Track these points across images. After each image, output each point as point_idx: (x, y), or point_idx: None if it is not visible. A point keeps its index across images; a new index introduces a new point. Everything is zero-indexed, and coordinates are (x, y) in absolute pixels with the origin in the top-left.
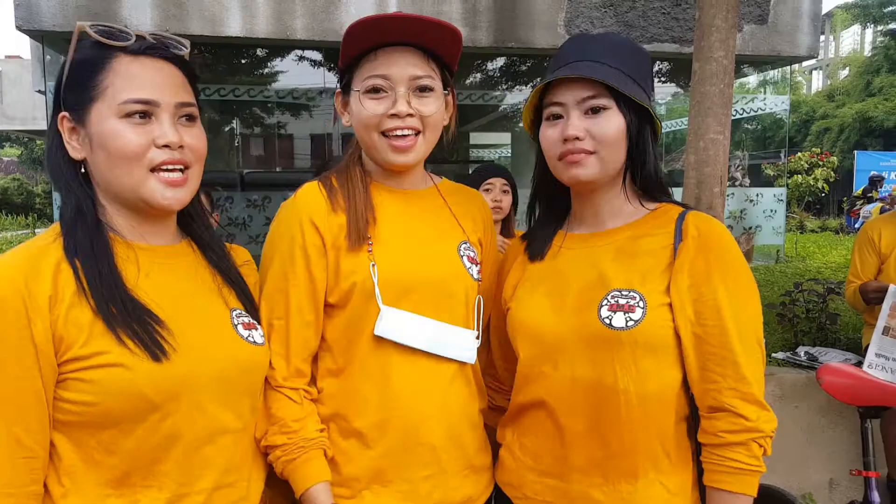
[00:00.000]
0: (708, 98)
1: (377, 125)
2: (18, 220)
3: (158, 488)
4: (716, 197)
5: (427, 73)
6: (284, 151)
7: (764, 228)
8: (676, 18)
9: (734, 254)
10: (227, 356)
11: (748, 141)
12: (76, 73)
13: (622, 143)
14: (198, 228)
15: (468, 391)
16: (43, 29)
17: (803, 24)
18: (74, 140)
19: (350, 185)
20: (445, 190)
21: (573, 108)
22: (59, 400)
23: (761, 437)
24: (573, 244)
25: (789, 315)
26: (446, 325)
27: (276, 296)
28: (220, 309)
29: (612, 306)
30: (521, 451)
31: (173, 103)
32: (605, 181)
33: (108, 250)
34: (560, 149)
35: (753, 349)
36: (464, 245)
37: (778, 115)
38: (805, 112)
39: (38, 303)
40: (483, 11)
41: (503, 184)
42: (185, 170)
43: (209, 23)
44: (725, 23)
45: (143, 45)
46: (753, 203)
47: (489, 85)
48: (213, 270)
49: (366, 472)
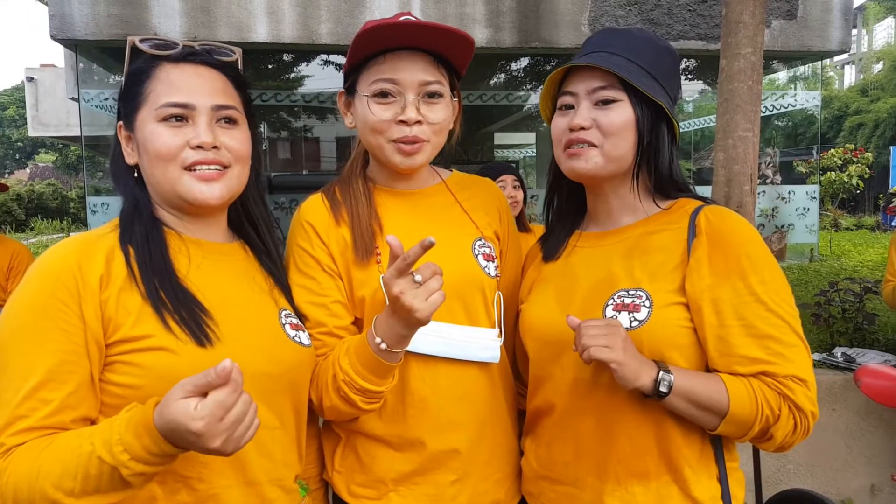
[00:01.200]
0: (736, 95)
1: (384, 131)
2: (53, 223)
3: (198, 479)
4: (746, 195)
5: (436, 78)
6: (311, 154)
7: (797, 227)
8: (702, 15)
9: (756, 245)
10: (270, 352)
11: (779, 138)
12: (128, 84)
13: (629, 137)
14: (255, 234)
15: (495, 394)
16: (76, 38)
17: (834, 18)
18: (129, 147)
19: (353, 199)
20: (455, 185)
21: (584, 98)
22: (106, 383)
23: (801, 413)
24: (587, 243)
25: (825, 315)
26: (463, 328)
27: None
28: (269, 307)
29: (618, 306)
30: (536, 460)
31: (210, 106)
32: (610, 176)
33: (161, 240)
34: (566, 138)
35: (794, 340)
36: (478, 242)
37: (809, 111)
38: (837, 107)
39: (89, 282)
40: (506, 12)
41: (514, 180)
42: (221, 169)
43: (236, 29)
44: (753, 18)
45: (186, 52)
46: (785, 201)
47: (513, 85)
48: (265, 273)
49: (392, 474)
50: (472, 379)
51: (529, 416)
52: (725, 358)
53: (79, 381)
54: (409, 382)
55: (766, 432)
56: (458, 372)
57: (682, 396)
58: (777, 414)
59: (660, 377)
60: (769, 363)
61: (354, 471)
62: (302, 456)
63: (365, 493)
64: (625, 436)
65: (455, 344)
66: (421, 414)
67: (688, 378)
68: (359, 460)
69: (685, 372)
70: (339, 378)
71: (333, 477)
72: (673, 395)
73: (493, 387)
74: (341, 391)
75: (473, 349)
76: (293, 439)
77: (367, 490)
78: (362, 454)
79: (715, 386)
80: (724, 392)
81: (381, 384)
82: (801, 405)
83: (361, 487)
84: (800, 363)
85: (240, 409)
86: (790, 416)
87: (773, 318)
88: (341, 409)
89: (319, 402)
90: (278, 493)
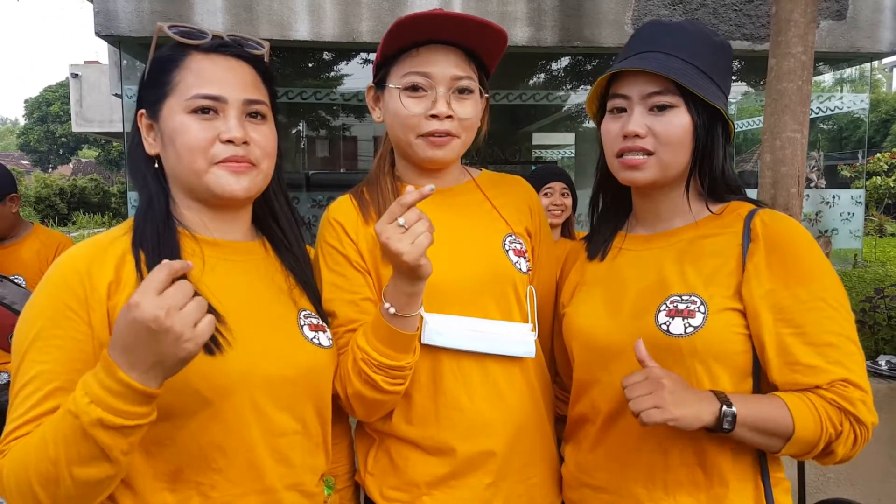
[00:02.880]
0: (785, 95)
1: (415, 126)
2: (95, 218)
3: (211, 486)
4: (793, 198)
5: (468, 74)
6: (348, 153)
7: (841, 232)
8: (749, 15)
9: (814, 251)
10: (286, 355)
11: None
12: (154, 72)
13: (686, 145)
14: (278, 229)
15: (531, 394)
16: (120, 35)
17: (885, 18)
18: (151, 136)
19: (381, 197)
20: (485, 183)
21: (637, 102)
22: None
23: (861, 426)
24: (633, 245)
25: (870, 322)
26: (496, 322)
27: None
28: (288, 308)
29: (671, 311)
30: (577, 467)
31: (241, 100)
32: (665, 182)
33: (173, 243)
34: (619, 145)
35: (852, 348)
36: (509, 238)
37: (856, 115)
38: (885, 111)
39: (98, 288)
40: (548, 11)
41: (563, 187)
42: (250, 165)
43: (278, 27)
44: (804, 17)
45: (217, 42)
46: (829, 205)
47: (553, 85)
48: (285, 271)
49: (426, 478)
50: (509, 379)
51: (571, 421)
52: (785, 367)
53: None
54: (443, 381)
55: (828, 448)
56: (493, 370)
57: (746, 426)
58: (839, 430)
59: (723, 413)
60: (829, 372)
61: (387, 473)
62: (328, 456)
63: (398, 497)
64: (673, 446)
65: (488, 338)
66: (455, 415)
67: (751, 407)
68: (392, 463)
69: (746, 400)
70: (358, 357)
71: (366, 479)
72: (738, 427)
73: (531, 388)
74: (362, 373)
75: (507, 343)
76: (318, 443)
77: (399, 493)
78: (395, 457)
79: (778, 410)
80: (787, 415)
81: (399, 358)
82: (862, 418)
83: (394, 491)
84: (859, 372)
85: (181, 288)
86: (851, 430)
87: (832, 324)
88: (365, 395)
89: (344, 392)
90: (297, 499)
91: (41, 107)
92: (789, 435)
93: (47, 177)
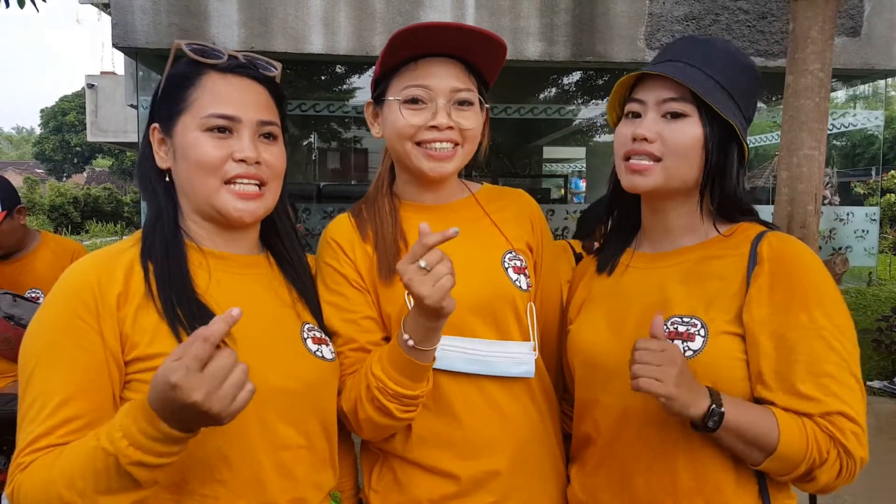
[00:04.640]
0: (802, 112)
1: (412, 136)
2: (108, 227)
3: (214, 498)
4: (810, 214)
5: (467, 86)
6: (359, 165)
7: (855, 249)
8: (762, 31)
9: (821, 275)
10: (290, 368)
11: (836, 157)
12: (169, 88)
13: (695, 156)
14: (280, 245)
15: (536, 412)
16: (137, 46)
17: None
18: (162, 150)
19: (378, 217)
20: (484, 197)
21: (652, 108)
22: (126, 401)
23: (849, 458)
24: (640, 263)
25: (886, 341)
26: (491, 343)
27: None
28: (291, 321)
29: (671, 333)
30: (581, 489)
31: (255, 120)
32: (671, 194)
33: (181, 255)
34: (627, 147)
35: (851, 382)
36: (508, 255)
37: (870, 131)
38: None
39: (108, 300)
40: (561, 26)
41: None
42: (260, 185)
43: (293, 40)
44: (821, 34)
45: (233, 63)
46: (843, 222)
47: (564, 99)
48: (289, 285)
49: (430, 496)
50: (511, 398)
51: (575, 441)
52: (779, 393)
53: (100, 398)
54: (442, 402)
55: (809, 473)
56: (491, 391)
57: (731, 431)
58: (824, 458)
59: (711, 410)
60: (825, 404)
61: (392, 491)
62: (336, 472)
63: None
64: (677, 471)
65: (482, 359)
66: (456, 435)
67: (740, 412)
68: (396, 480)
69: (738, 404)
70: (373, 385)
71: (370, 496)
72: (722, 429)
73: (536, 406)
74: (375, 400)
75: (504, 364)
76: (323, 459)
77: None
78: (400, 474)
79: (767, 423)
80: (775, 430)
81: (414, 388)
82: (852, 449)
83: None
84: (856, 406)
85: (221, 362)
86: (837, 460)
87: (833, 355)
88: (376, 421)
89: (354, 415)
90: None
91: (57, 116)
92: (772, 449)
93: (61, 185)
